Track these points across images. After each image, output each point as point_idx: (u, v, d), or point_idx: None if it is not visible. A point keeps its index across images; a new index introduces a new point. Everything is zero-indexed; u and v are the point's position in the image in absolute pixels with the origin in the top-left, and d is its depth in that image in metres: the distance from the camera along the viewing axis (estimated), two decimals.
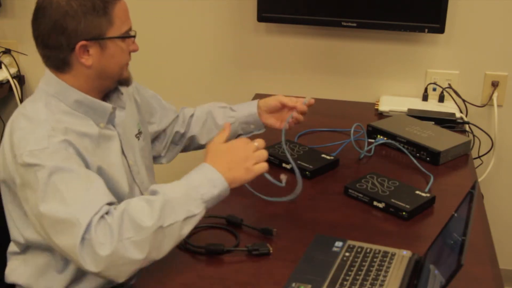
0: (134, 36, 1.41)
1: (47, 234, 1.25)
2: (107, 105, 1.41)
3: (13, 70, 2.59)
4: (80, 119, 1.38)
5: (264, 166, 1.34)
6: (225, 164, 1.30)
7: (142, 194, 1.51)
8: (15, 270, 1.44)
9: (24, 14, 2.56)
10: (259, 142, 1.36)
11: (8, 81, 2.55)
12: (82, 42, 1.32)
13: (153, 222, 1.18)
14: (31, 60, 2.61)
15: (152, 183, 1.58)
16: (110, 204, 1.24)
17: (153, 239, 1.19)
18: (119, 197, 1.36)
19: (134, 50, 1.43)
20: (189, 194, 1.25)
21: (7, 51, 2.59)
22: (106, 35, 1.34)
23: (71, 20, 1.31)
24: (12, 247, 1.45)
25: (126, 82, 1.46)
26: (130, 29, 1.40)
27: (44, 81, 1.42)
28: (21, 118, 1.35)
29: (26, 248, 1.42)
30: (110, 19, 1.34)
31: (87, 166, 1.31)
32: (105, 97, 1.47)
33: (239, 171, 1.31)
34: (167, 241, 1.21)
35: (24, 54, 2.60)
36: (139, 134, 1.57)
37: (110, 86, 1.45)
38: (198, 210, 1.25)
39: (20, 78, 2.63)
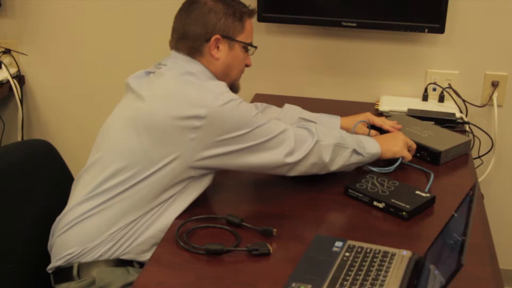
0: (255, 47, 1.65)
1: None
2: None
3: (13, 70, 2.59)
4: None
5: (408, 155, 1.74)
6: (386, 139, 1.72)
7: None
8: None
9: (24, 14, 2.57)
10: (413, 145, 1.78)
11: (8, 81, 2.55)
12: (217, 36, 1.55)
13: (336, 140, 1.58)
14: (31, 60, 2.61)
15: None
16: None
17: (333, 151, 1.57)
18: None
19: (248, 65, 1.68)
20: (356, 138, 1.64)
21: (7, 51, 2.59)
22: (236, 38, 1.59)
23: (214, 16, 1.55)
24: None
25: (236, 89, 1.67)
26: (251, 44, 1.64)
27: (179, 62, 1.56)
28: (187, 81, 1.49)
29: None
30: (243, 26, 1.60)
31: None
32: None
33: (393, 146, 1.70)
34: (339, 159, 1.59)
35: (24, 54, 2.60)
36: None
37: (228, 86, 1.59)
38: (365, 152, 1.63)
39: (20, 78, 2.63)
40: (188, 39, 1.56)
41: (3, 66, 2.55)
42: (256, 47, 1.67)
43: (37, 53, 2.62)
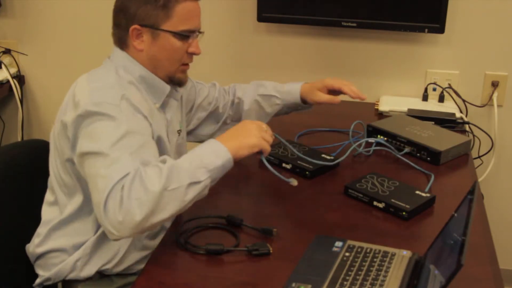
0: (187, 36, 1.46)
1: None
2: (167, 86, 1.50)
3: (13, 70, 2.59)
4: (141, 93, 1.45)
5: (268, 146, 1.41)
6: (234, 134, 1.39)
7: None
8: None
9: (24, 14, 2.58)
10: (268, 127, 1.45)
11: (8, 81, 2.55)
12: (136, 26, 1.43)
13: (161, 186, 1.23)
14: (31, 60, 2.61)
15: None
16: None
17: (158, 201, 1.22)
18: None
19: (193, 52, 1.50)
20: (194, 163, 1.30)
21: (7, 51, 2.59)
22: (160, 27, 1.42)
23: (133, 3, 1.42)
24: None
25: (178, 82, 1.53)
26: (192, 31, 1.47)
27: (112, 56, 1.49)
28: (87, 80, 1.41)
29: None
30: (169, 13, 1.42)
31: (152, 131, 1.41)
32: None
33: (246, 138, 1.38)
34: (171, 204, 1.25)
35: (24, 54, 2.60)
36: (179, 131, 1.63)
37: (163, 79, 1.50)
38: (203, 178, 1.29)
39: (20, 78, 2.63)
40: (116, 29, 1.49)
41: (3, 66, 2.55)
42: (195, 32, 1.49)
43: (37, 53, 2.62)
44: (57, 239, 1.49)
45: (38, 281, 1.51)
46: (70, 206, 1.47)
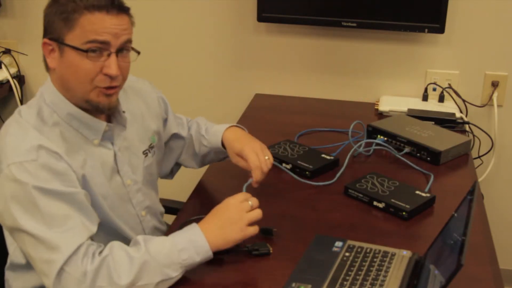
0: (93, 52, 1.25)
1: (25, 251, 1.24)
2: (101, 123, 1.35)
3: (13, 70, 2.59)
4: (72, 132, 1.33)
5: (256, 229, 1.33)
6: (218, 224, 1.29)
7: (137, 214, 1.48)
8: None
9: (24, 14, 2.57)
10: (253, 201, 1.34)
11: (8, 81, 2.55)
12: (44, 40, 1.29)
13: (129, 281, 1.18)
14: (31, 60, 2.61)
15: (153, 200, 1.55)
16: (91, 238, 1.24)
17: None
18: (101, 213, 1.35)
19: (107, 73, 1.27)
20: (170, 257, 1.23)
21: (7, 51, 2.59)
22: (64, 41, 1.25)
23: (47, 14, 1.28)
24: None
25: (101, 108, 1.31)
26: (99, 47, 1.25)
27: (45, 86, 1.36)
28: (14, 122, 1.31)
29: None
30: (71, 25, 1.24)
31: (75, 177, 1.28)
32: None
33: (231, 231, 1.29)
34: None
35: (24, 54, 2.60)
36: (149, 149, 1.52)
37: (82, 106, 1.32)
38: (175, 274, 1.23)
39: (20, 78, 2.63)
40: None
41: (3, 66, 2.55)
42: (108, 50, 1.26)
43: (37, 53, 2.60)
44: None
45: None
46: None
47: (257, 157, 1.50)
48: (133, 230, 1.46)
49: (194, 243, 1.25)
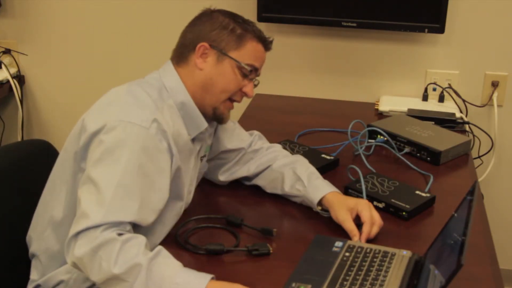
0: (248, 73, 1.43)
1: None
2: (204, 123, 1.45)
3: (13, 70, 2.59)
4: (179, 120, 1.41)
5: None
6: None
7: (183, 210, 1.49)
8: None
9: (24, 14, 2.57)
10: None
11: (8, 81, 2.55)
12: (203, 43, 1.41)
13: (118, 273, 1.16)
14: (31, 60, 2.61)
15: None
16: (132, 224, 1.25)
17: (110, 278, 1.17)
18: (169, 205, 1.38)
19: (246, 93, 1.46)
20: (164, 281, 1.17)
21: (7, 51, 2.59)
22: (228, 53, 1.42)
23: (209, 25, 1.44)
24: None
25: (219, 117, 1.47)
26: (254, 70, 1.45)
27: (162, 72, 1.46)
28: (138, 87, 1.39)
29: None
30: (240, 44, 1.43)
31: (171, 163, 1.35)
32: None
33: None
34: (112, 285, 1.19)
35: (24, 54, 2.60)
36: (204, 156, 1.58)
37: (206, 110, 1.44)
38: None
39: (20, 78, 2.63)
40: (180, 46, 1.47)
41: (3, 66, 2.55)
42: (255, 73, 1.46)
43: (37, 53, 2.62)
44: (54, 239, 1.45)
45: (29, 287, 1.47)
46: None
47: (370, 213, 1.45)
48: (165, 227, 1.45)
49: (191, 285, 1.19)
